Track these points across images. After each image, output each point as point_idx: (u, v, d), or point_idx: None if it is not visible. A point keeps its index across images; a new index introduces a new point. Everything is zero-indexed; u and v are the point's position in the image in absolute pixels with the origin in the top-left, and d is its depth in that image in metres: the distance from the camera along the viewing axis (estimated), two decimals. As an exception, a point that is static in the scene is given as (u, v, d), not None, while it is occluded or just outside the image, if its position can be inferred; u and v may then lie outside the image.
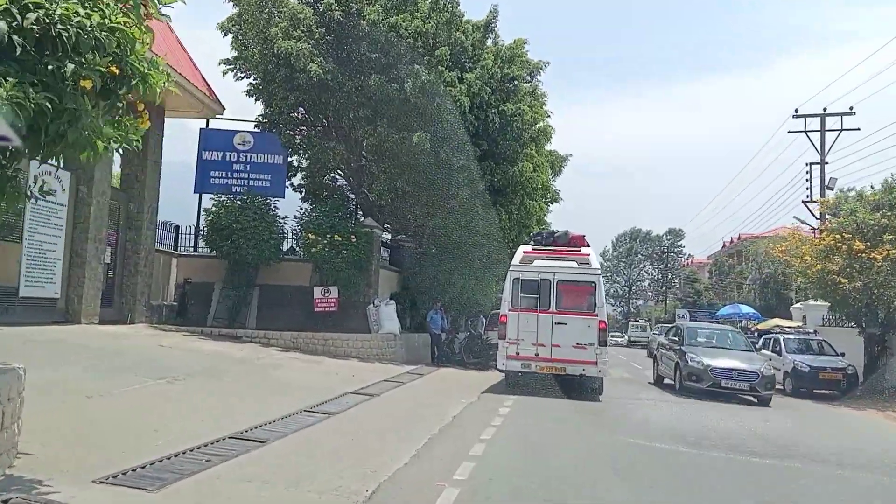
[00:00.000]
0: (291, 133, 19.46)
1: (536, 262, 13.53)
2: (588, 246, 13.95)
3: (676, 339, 17.23)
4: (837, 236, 17.44)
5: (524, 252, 13.89)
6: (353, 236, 17.62)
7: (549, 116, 22.46)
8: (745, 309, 34.51)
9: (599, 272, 13.44)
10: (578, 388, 13.75)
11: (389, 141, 18.16)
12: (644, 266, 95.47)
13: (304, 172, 22.00)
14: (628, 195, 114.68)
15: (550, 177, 25.01)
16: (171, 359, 11.82)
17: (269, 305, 18.93)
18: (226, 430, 7.22)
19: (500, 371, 13.85)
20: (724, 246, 70.44)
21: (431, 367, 17.94)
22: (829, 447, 10.41)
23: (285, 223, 18.58)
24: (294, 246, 19.54)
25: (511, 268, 13.68)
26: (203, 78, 18.21)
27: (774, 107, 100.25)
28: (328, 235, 17.48)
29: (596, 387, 13.74)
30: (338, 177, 22.48)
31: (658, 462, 7.93)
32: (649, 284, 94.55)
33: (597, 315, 13.04)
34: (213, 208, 18.15)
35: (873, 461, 9.55)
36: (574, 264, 13.43)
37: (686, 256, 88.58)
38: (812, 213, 24.35)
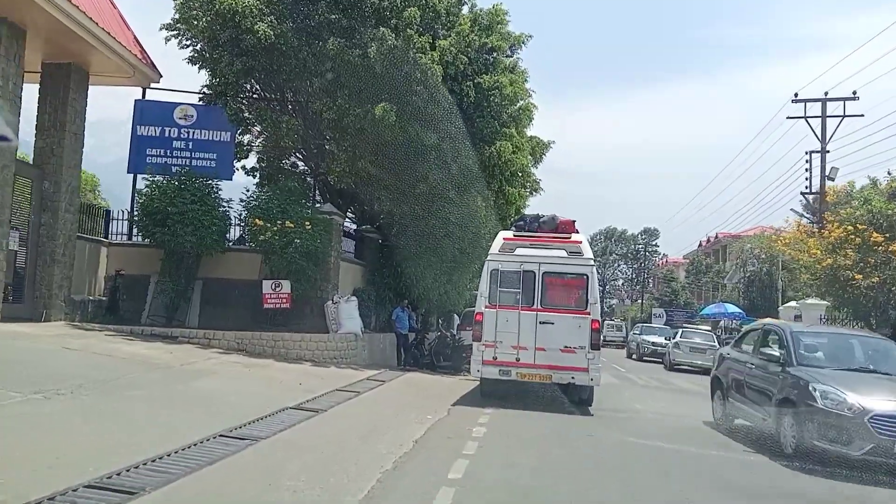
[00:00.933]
0: (239, 105, 17.13)
1: (519, 251, 11.49)
2: (578, 232, 11.93)
3: (776, 352, 9.47)
4: (849, 227, 15.69)
5: (504, 239, 11.83)
6: (307, 223, 15.39)
7: (530, 96, 20.43)
8: (731, 308, 32.90)
9: (593, 263, 11.44)
10: (565, 397, 11.83)
11: (350, 115, 15.96)
12: (618, 265, 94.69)
13: (258, 154, 19.76)
14: (602, 196, 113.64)
15: (531, 164, 22.98)
16: (69, 366, 9.57)
17: (213, 301, 16.63)
18: (87, 474, 5.06)
19: (475, 378, 11.76)
20: (700, 245, 69.46)
21: (396, 371, 15.83)
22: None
23: (230, 207, 16.28)
24: (244, 235, 17.26)
25: (489, 257, 11.62)
26: (137, 40, 15.87)
27: (748, 112, 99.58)
28: (278, 222, 15.25)
29: (585, 397, 11.76)
30: (298, 161, 20.29)
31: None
32: (623, 284, 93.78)
33: (589, 313, 11.03)
34: (146, 189, 15.83)
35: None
36: (563, 253, 11.41)
37: (661, 256, 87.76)
38: (810, 205, 22.73)
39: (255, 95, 18.05)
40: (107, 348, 11.67)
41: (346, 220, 22.83)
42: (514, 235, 11.83)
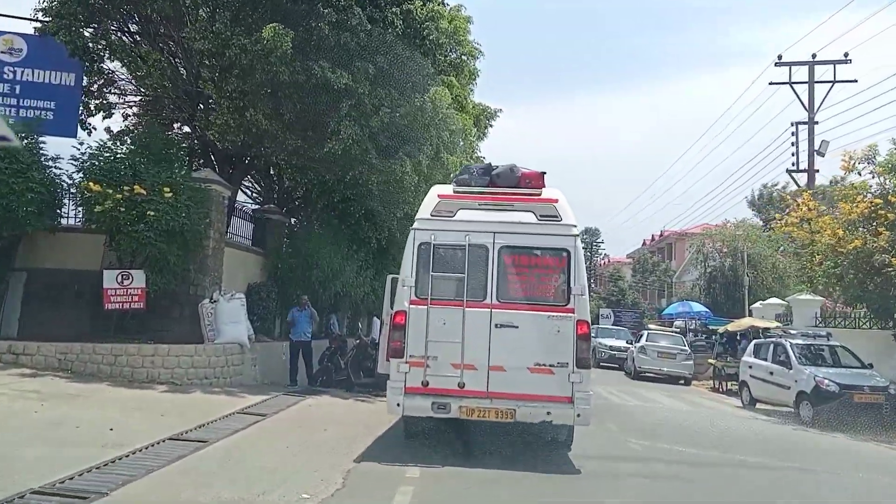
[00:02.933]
0: (81, 32, 12.50)
1: (463, 214, 7.43)
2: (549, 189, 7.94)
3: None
4: (877, 200, 12.34)
5: (439, 196, 7.70)
6: (167, 190, 10.99)
7: (477, 48, 16.46)
8: (697, 307, 29.70)
9: (577, 232, 7.47)
10: (528, 434, 7.86)
11: (233, 45, 11.71)
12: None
13: (133, 114, 15.21)
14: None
15: (475, 135, 19.09)
16: None
17: (41, 300, 12.04)
18: None
19: (396, 411, 7.54)
20: (644, 243, 67.23)
21: (294, 395, 11.54)
22: None
23: (57, 168, 11.72)
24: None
25: (415, 223, 7.51)
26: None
27: (684, 117, 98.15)
28: (124, 187, 10.82)
29: (562, 438, 7.80)
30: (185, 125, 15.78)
31: None
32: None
33: (573, 310, 7.08)
34: (-66, 142, 11.10)
35: None
36: (530, 217, 7.40)
37: (602, 256, 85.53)
38: (796, 183, 19.67)
39: (109, 23, 13.40)
40: None
41: (250, 200, 18.55)
42: (456, 192, 7.74)
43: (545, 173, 7.94)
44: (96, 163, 11.33)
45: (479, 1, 18.10)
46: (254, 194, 18.95)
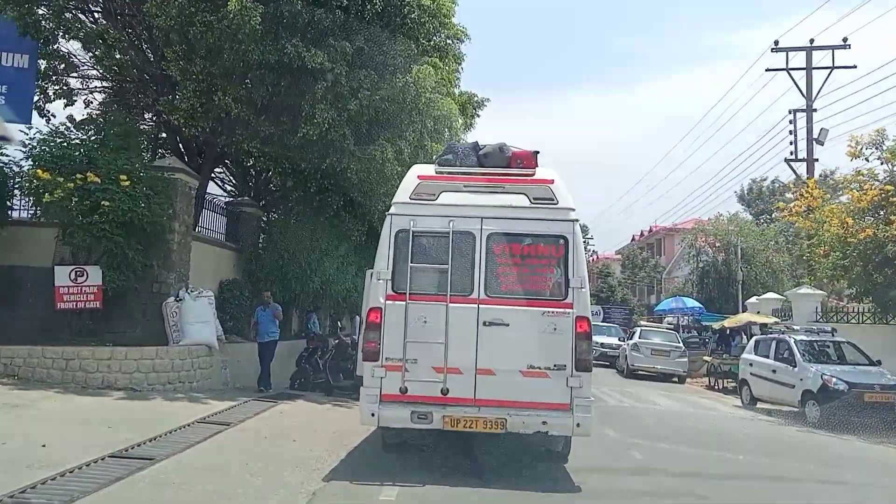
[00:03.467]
0: (33, 8, 11.52)
1: (446, 197, 6.58)
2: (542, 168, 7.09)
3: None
4: (889, 187, 11.62)
5: (419, 177, 6.80)
6: (123, 178, 10.05)
7: (463, 30, 15.57)
8: (690, 303, 29.03)
9: (576, 217, 6.64)
10: (518, 449, 7.02)
11: (198, 22, 10.81)
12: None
13: (83, 94, 14.23)
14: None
15: (461, 125, 18.19)
16: None
17: (-9, 300, 11.07)
18: None
19: (369, 422, 6.64)
20: (633, 239, 66.70)
21: (264, 401, 10.64)
22: None
23: (3, 156, 10.77)
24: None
25: (392, 208, 6.64)
26: None
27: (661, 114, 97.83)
28: (77, 176, 9.89)
29: (559, 449, 6.95)
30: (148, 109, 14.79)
31: None
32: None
33: (571, 305, 6.26)
34: None
35: None
36: (523, 200, 6.57)
37: (591, 252, 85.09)
38: (794, 172, 18.98)
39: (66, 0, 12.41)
40: None
41: (224, 193, 17.60)
42: (438, 173, 6.87)
43: (538, 153, 7.09)
44: (47, 149, 10.39)
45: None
46: (228, 187, 18.05)
